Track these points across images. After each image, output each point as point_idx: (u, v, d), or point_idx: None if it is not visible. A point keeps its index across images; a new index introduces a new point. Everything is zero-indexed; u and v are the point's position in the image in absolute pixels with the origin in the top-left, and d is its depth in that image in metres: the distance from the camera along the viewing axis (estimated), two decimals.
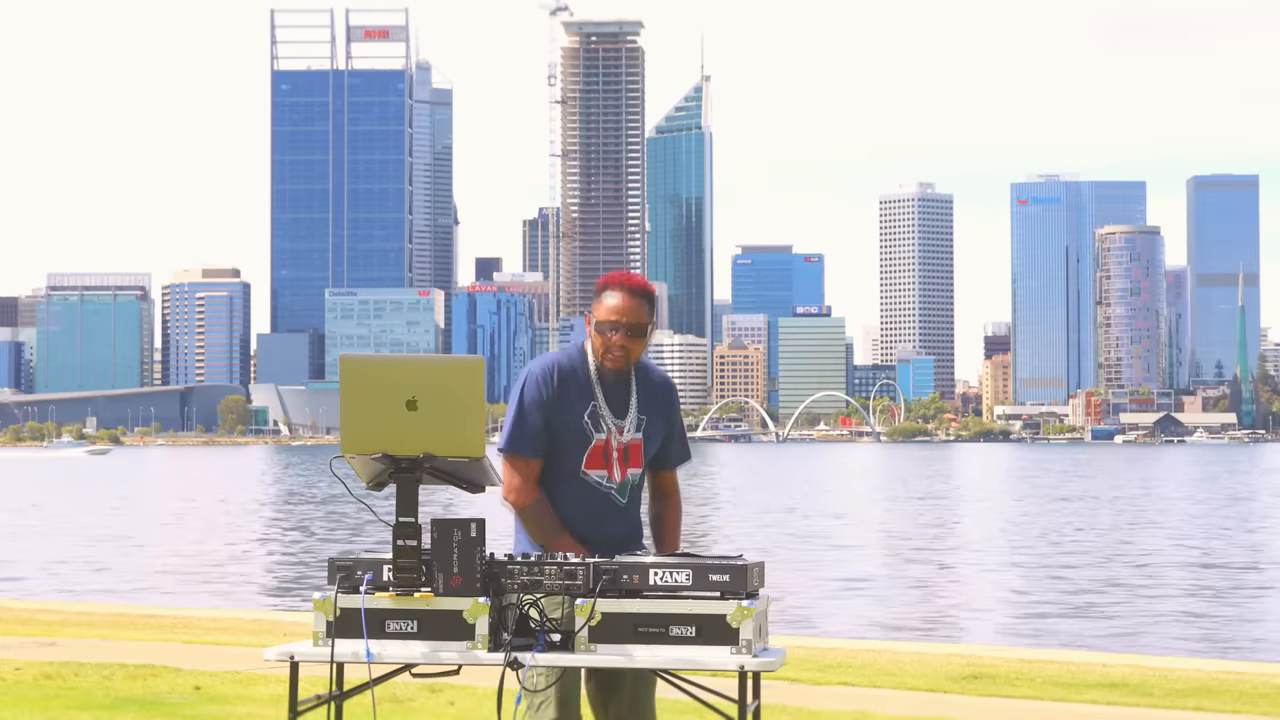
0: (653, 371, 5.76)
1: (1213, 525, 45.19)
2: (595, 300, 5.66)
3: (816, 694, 10.84)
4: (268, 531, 43.14)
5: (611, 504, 5.63)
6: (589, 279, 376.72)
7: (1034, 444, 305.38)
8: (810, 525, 45.04)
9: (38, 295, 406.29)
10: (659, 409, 5.72)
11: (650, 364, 5.76)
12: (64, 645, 13.48)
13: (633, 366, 5.67)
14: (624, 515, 5.66)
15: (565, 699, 5.42)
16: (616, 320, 5.56)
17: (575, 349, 5.67)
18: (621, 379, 5.66)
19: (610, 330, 5.57)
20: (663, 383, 5.74)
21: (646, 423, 5.70)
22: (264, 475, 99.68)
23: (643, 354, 5.70)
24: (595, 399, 5.61)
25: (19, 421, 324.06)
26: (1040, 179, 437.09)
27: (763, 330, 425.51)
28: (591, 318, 5.63)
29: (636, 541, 5.69)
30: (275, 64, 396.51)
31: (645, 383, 5.71)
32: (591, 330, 5.64)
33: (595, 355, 5.63)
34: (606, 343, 5.58)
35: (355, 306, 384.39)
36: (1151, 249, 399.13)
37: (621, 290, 5.61)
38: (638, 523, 5.75)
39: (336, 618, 4.97)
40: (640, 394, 5.69)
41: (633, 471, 5.66)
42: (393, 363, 4.99)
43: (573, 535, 5.54)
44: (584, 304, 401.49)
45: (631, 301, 5.59)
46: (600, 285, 5.68)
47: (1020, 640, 19.42)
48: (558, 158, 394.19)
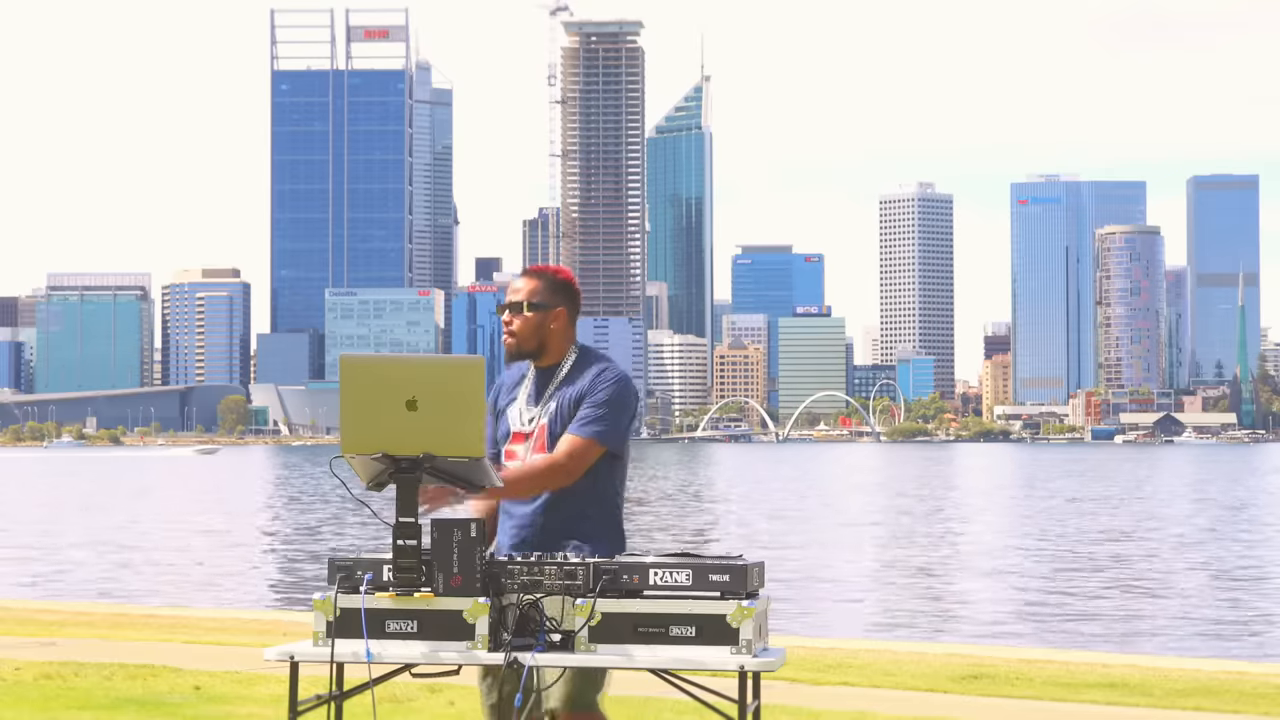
0: (591, 366, 5.65)
1: (1213, 525, 45.20)
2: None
3: (816, 694, 10.84)
4: (269, 531, 43.16)
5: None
6: (589, 279, 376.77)
7: (1034, 444, 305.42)
8: (810, 525, 45.04)
9: (38, 295, 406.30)
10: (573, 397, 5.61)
11: (606, 361, 5.65)
12: (64, 645, 13.48)
13: (531, 350, 5.63)
14: (528, 503, 5.54)
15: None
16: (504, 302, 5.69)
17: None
18: (541, 368, 5.67)
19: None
20: (592, 374, 5.61)
21: (553, 410, 5.60)
22: (294, 476, 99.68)
23: (554, 344, 5.63)
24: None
25: (19, 421, 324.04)
26: (1040, 179, 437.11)
27: (763, 330, 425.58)
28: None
29: (552, 532, 5.51)
30: (275, 64, 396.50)
31: (571, 373, 5.66)
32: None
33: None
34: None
35: (355, 306, 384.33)
36: (1151, 249, 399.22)
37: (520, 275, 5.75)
38: (548, 514, 5.52)
39: (336, 618, 4.97)
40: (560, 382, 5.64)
41: (536, 457, 5.56)
42: (393, 363, 4.98)
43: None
44: (584, 304, 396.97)
45: (526, 283, 5.65)
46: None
47: (1020, 640, 19.42)
48: (558, 158, 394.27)
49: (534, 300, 5.63)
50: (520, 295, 5.63)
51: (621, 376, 5.59)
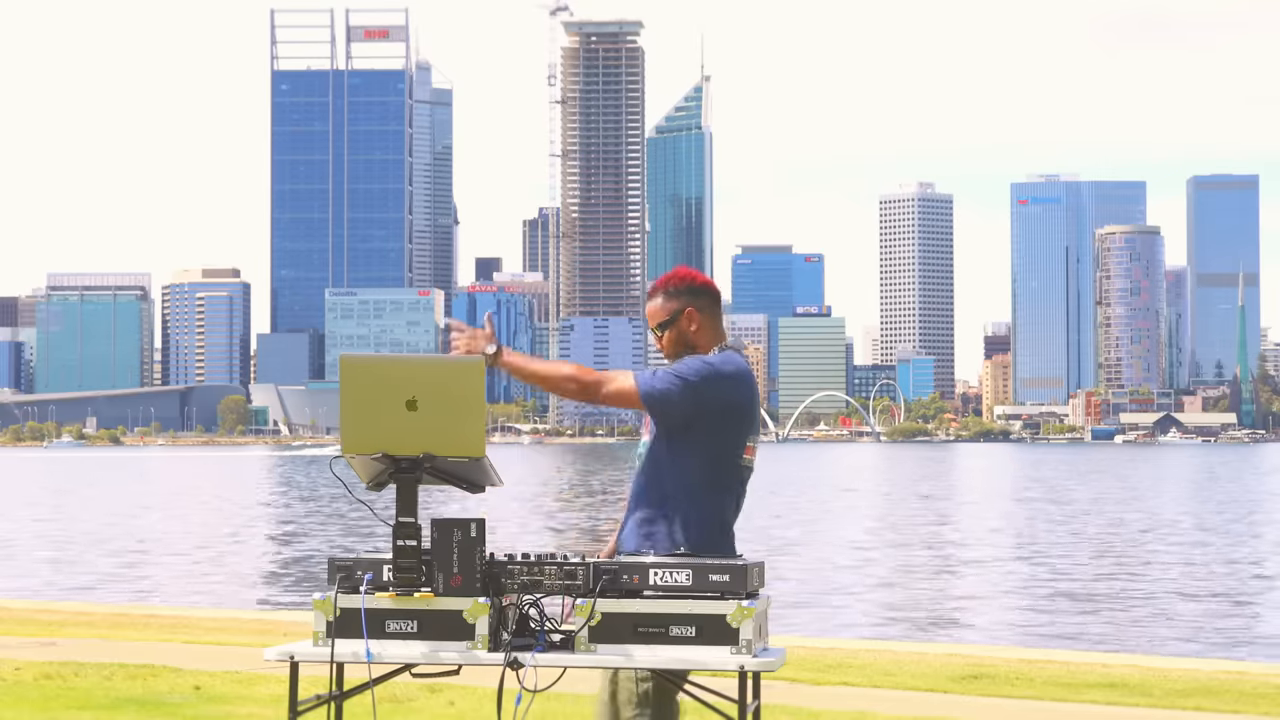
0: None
1: (1212, 525, 45.20)
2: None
3: (816, 694, 10.83)
4: (271, 531, 43.16)
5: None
6: (589, 279, 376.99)
7: (1034, 444, 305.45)
8: (810, 525, 45.03)
9: (38, 295, 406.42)
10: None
11: (718, 353, 5.63)
12: (64, 645, 13.48)
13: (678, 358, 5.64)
14: (637, 477, 5.59)
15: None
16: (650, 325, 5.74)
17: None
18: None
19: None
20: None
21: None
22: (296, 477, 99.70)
23: (702, 342, 5.60)
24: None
25: (19, 421, 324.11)
26: (1040, 179, 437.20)
27: (763, 330, 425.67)
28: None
29: (634, 510, 5.55)
30: (275, 64, 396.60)
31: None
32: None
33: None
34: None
35: (355, 306, 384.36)
36: (1151, 249, 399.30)
37: (648, 296, 5.76)
38: (642, 494, 5.56)
39: (336, 618, 4.96)
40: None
41: (645, 439, 5.62)
42: (393, 363, 4.97)
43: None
44: (584, 304, 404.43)
45: (650, 305, 5.68)
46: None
47: (1020, 640, 19.41)
48: (558, 158, 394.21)
49: (665, 318, 5.61)
50: (652, 320, 5.64)
51: (704, 359, 5.51)
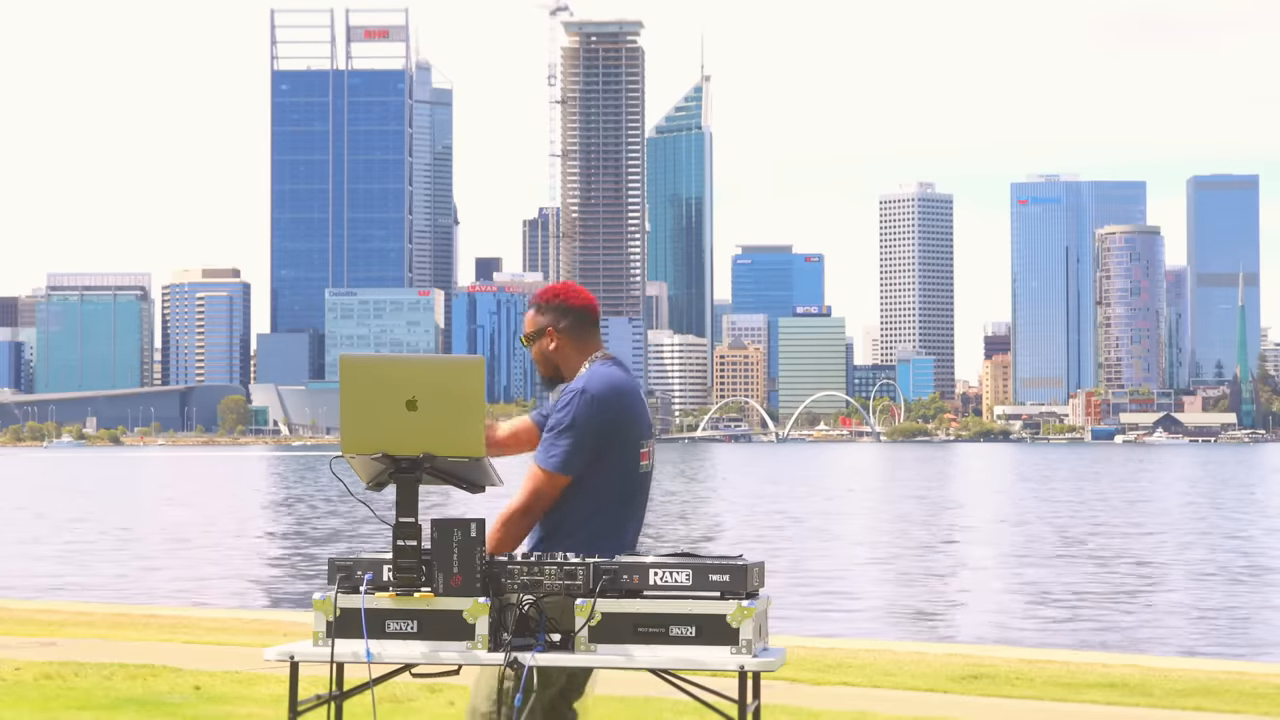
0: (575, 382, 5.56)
1: (1212, 525, 45.20)
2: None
3: (816, 694, 10.84)
4: (271, 531, 43.16)
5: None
6: (589, 279, 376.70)
7: (1034, 444, 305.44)
8: (810, 525, 45.03)
9: (38, 295, 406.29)
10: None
11: (585, 375, 5.50)
12: (64, 645, 13.48)
13: (551, 375, 5.58)
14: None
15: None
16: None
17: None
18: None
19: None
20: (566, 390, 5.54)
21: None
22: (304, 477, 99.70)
23: (564, 361, 5.54)
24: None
25: (19, 421, 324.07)
26: (1040, 179, 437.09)
27: (763, 330, 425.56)
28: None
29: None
30: (275, 64, 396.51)
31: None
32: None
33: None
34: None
35: (355, 306, 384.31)
36: (1151, 249, 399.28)
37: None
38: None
39: (336, 618, 4.97)
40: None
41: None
42: (393, 363, 4.98)
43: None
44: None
45: (526, 314, 5.67)
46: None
47: (1020, 640, 19.41)
48: (558, 158, 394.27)
49: (529, 331, 5.61)
50: (524, 329, 5.64)
51: (579, 393, 5.39)
